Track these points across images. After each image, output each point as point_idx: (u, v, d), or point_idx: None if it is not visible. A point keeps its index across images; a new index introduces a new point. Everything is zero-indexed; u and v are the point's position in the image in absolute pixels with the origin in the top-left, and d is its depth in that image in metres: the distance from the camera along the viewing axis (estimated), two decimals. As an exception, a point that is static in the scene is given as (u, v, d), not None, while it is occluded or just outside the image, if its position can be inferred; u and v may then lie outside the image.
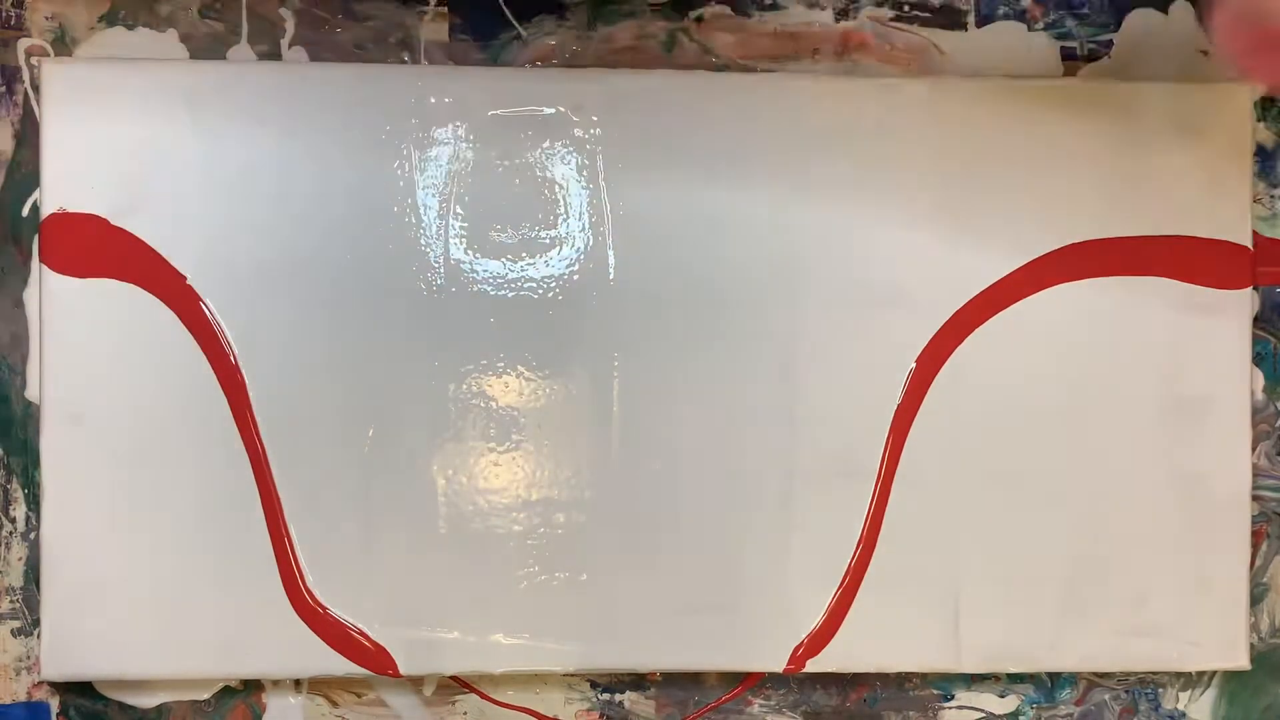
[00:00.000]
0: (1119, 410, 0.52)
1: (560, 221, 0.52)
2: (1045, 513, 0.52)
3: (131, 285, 0.50)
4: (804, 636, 0.52)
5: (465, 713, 0.54)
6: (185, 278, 0.50)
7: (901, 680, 0.55)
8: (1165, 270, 0.53)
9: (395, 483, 0.51)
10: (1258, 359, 0.55)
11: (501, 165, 0.51)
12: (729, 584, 0.51)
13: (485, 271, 0.51)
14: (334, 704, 0.53)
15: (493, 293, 0.51)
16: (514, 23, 0.54)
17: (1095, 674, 0.55)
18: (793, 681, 0.54)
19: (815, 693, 0.54)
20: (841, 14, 0.55)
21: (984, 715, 0.55)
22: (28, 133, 0.52)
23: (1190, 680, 0.56)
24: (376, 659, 0.51)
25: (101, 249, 0.50)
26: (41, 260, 0.50)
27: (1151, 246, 0.53)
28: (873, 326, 0.52)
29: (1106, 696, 0.55)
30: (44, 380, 0.50)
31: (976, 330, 0.52)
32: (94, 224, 0.50)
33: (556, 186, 0.52)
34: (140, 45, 0.52)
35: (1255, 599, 0.55)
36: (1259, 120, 0.55)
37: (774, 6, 0.54)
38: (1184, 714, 0.56)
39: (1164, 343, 0.53)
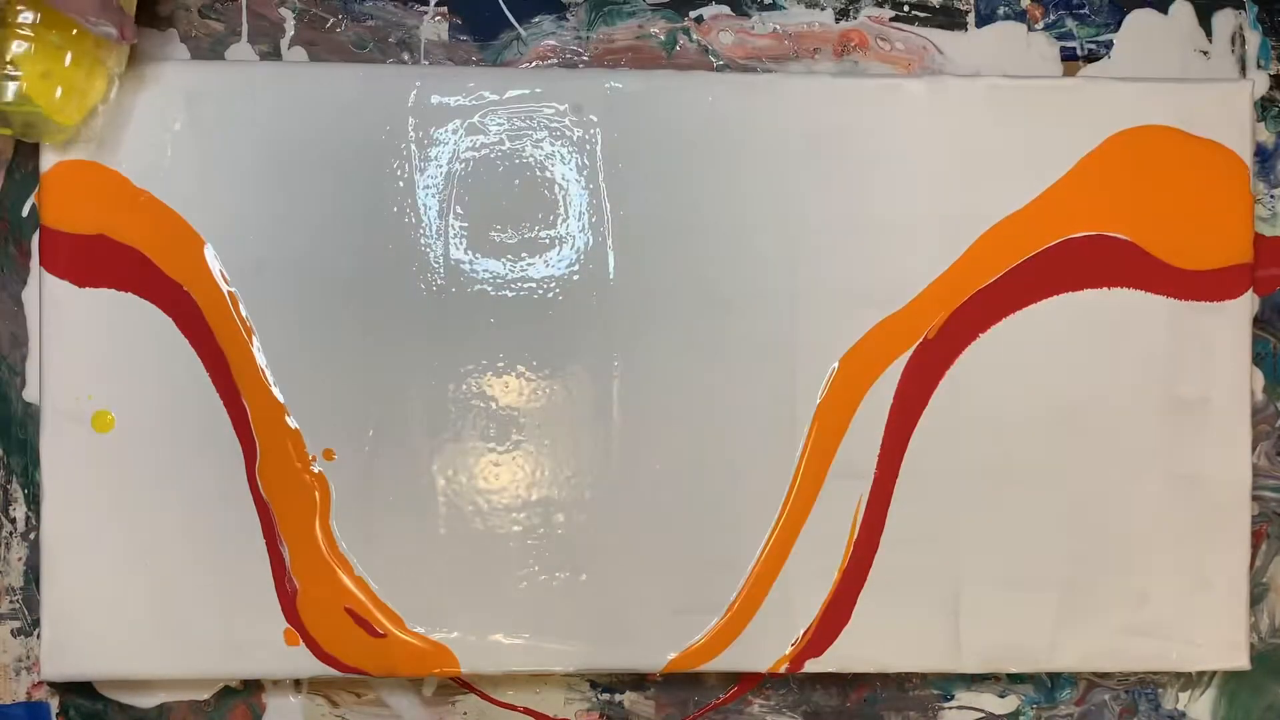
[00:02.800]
0: (1120, 411, 0.52)
1: (560, 221, 0.52)
2: (1045, 513, 0.52)
3: (130, 294, 0.50)
4: (804, 637, 0.52)
5: (465, 713, 0.54)
6: (182, 285, 0.50)
7: (901, 680, 0.55)
8: (1165, 270, 0.53)
9: (395, 483, 0.51)
10: (1258, 359, 0.55)
11: (501, 165, 0.51)
12: (729, 584, 0.51)
13: (485, 271, 0.51)
14: (334, 704, 0.53)
15: (493, 293, 0.51)
16: (514, 23, 0.54)
17: (1095, 674, 0.55)
18: (793, 681, 0.54)
19: (815, 693, 0.55)
20: (841, 14, 0.55)
21: (984, 715, 0.55)
22: (28, 133, 0.52)
23: (1190, 680, 0.56)
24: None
25: (100, 259, 0.50)
26: (42, 264, 0.50)
27: (1151, 246, 0.53)
28: (872, 327, 0.52)
29: (1106, 696, 0.55)
30: (44, 380, 0.50)
31: (978, 333, 0.52)
32: (94, 236, 0.50)
33: (556, 186, 0.52)
34: (140, 45, 0.52)
35: (1255, 599, 0.55)
36: (1259, 120, 0.55)
37: (774, 6, 0.54)
38: (1184, 714, 0.56)
39: (1164, 343, 0.53)
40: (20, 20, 0.46)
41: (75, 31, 0.46)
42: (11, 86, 0.46)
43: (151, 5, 0.53)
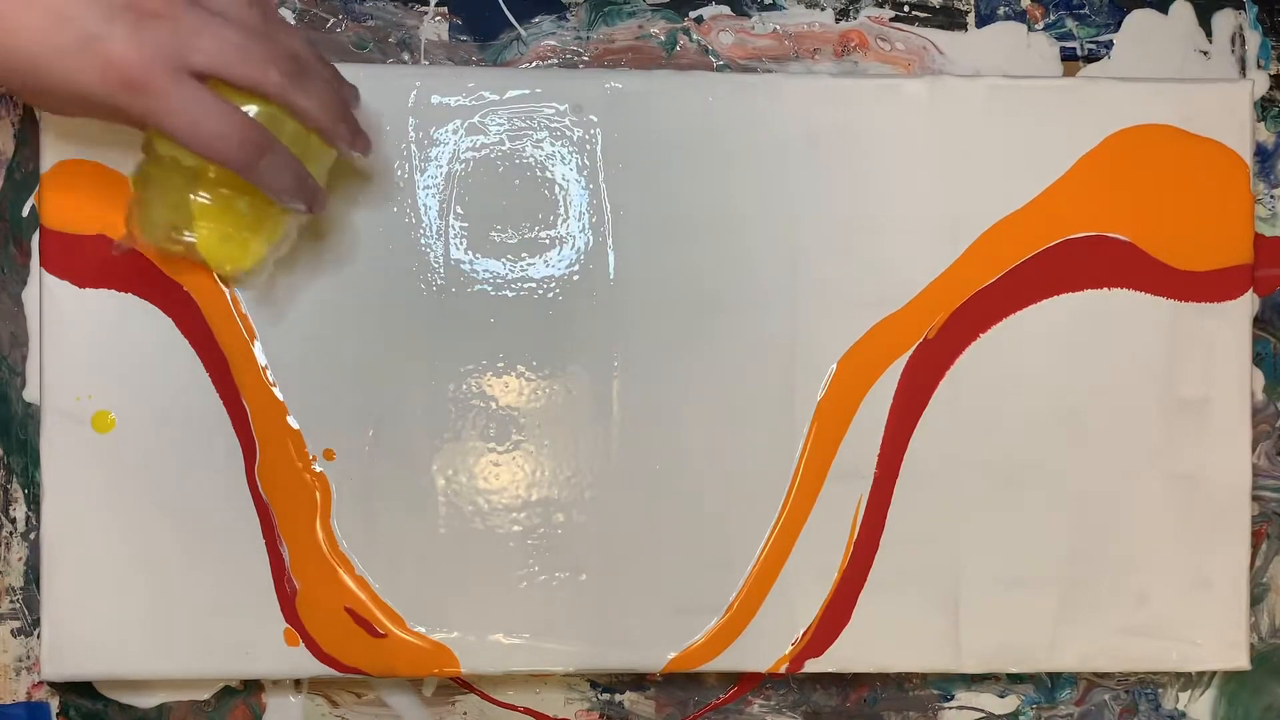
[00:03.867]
0: (1120, 411, 0.53)
1: (560, 221, 0.52)
2: (1045, 513, 0.52)
3: (130, 294, 0.50)
4: (804, 637, 0.52)
5: (465, 713, 0.54)
6: (181, 285, 0.50)
7: (901, 680, 0.55)
8: (1165, 271, 0.53)
9: (395, 483, 0.51)
10: (1258, 359, 0.55)
11: (501, 165, 0.51)
12: (729, 584, 0.51)
13: (485, 271, 0.51)
14: (334, 704, 0.53)
15: (493, 293, 0.51)
16: (514, 23, 0.54)
17: (1095, 674, 0.55)
18: (793, 681, 0.54)
19: (815, 693, 0.55)
20: (841, 14, 0.55)
21: (984, 715, 0.55)
22: (28, 133, 0.52)
23: (1190, 680, 0.56)
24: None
25: (100, 259, 0.50)
26: (42, 265, 0.50)
27: (1151, 247, 0.53)
28: (872, 327, 0.52)
29: (1106, 696, 0.55)
30: (44, 380, 0.50)
31: (978, 333, 0.52)
32: (94, 236, 0.50)
33: (556, 186, 0.52)
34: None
35: (1255, 599, 0.55)
36: (1259, 120, 0.55)
37: (774, 6, 0.54)
38: (1184, 714, 0.56)
39: (1164, 343, 0.53)
40: (210, 179, 0.44)
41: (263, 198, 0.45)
42: (187, 247, 0.45)
43: (151, 5, 0.53)
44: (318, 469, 0.51)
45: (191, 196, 0.44)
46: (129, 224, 0.45)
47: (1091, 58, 0.55)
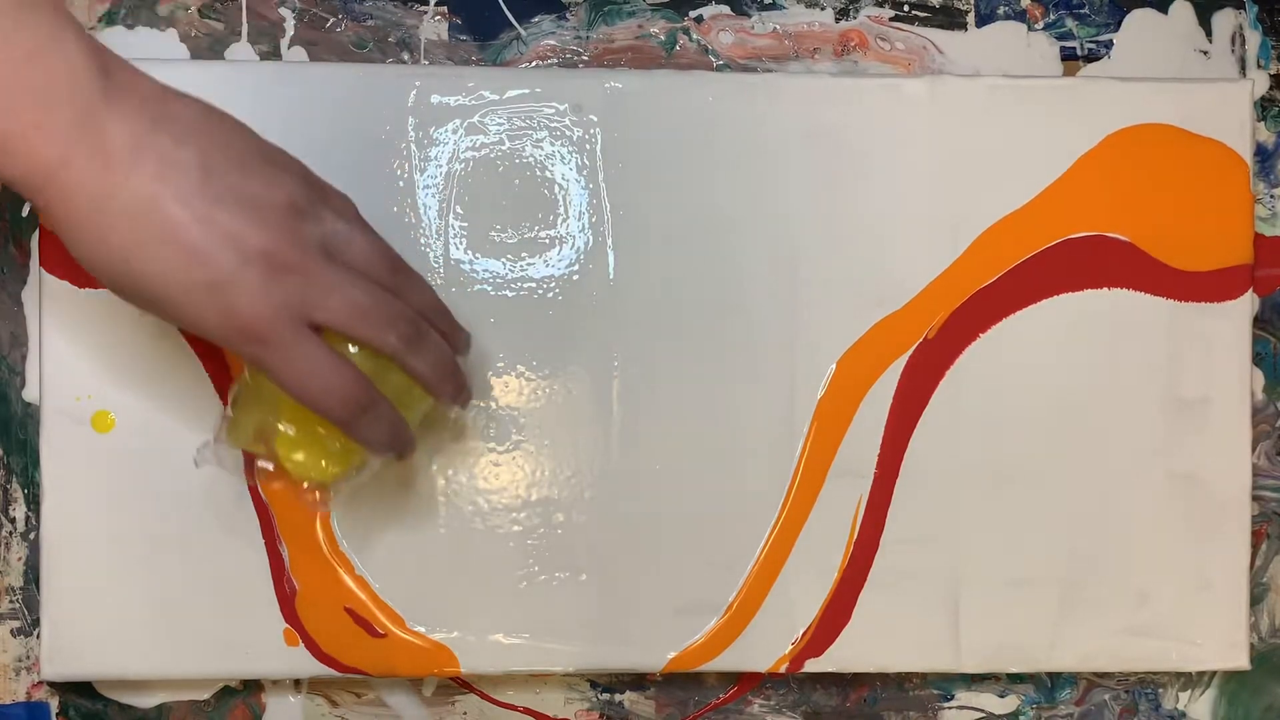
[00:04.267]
0: (1119, 410, 0.52)
1: (560, 221, 0.52)
2: (1045, 513, 0.52)
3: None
4: (804, 636, 0.52)
5: (465, 713, 0.54)
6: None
7: (901, 680, 0.55)
8: (1165, 271, 0.53)
9: (395, 483, 0.51)
10: (1258, 359, 0.55)
11: (501, 165, 0.51)
12: (729, 584, 0.51)
13: (485, 271, 0.51)
14: (334, 704, 0.53)
15: (493, 293, 0.51)
16: (514, 23, 0.54)
17: (1095, 674, 0.55)
18: (793, 681, 0.54)
19: (815, 693, 0.55)
20: (841, 14, 0.55)
21: (984, 715, 0.55)
22: (28, 133, 0.52)
23: (1190, 680, 0.56)
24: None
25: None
26: (42, 265, 0.50)
27: (1151, 248, 0.53)
28: (872, 327, 0.52)
29: (1106, 696, 0.55)
30: (44, 380, 0.50)
31: (979, 333, 0.52)
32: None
33: (556, 186, 0.52)
34: (140, 45, 0.52)
35: (1255, 599, 0.55)
36: (1259, 120, 0.55)
37: (774, 6, 0.54)
38: (1184, 714, 0.56)
39: (1164, 343, 0.53)
40: (306, 415, 0.43)
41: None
42: (265, 469, 0.45)
43: (151, 5, 0.53)
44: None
45: (282, 427, 0.44)
46: (220, 431, 0.45)
47: (1091, 57, 0.55)
